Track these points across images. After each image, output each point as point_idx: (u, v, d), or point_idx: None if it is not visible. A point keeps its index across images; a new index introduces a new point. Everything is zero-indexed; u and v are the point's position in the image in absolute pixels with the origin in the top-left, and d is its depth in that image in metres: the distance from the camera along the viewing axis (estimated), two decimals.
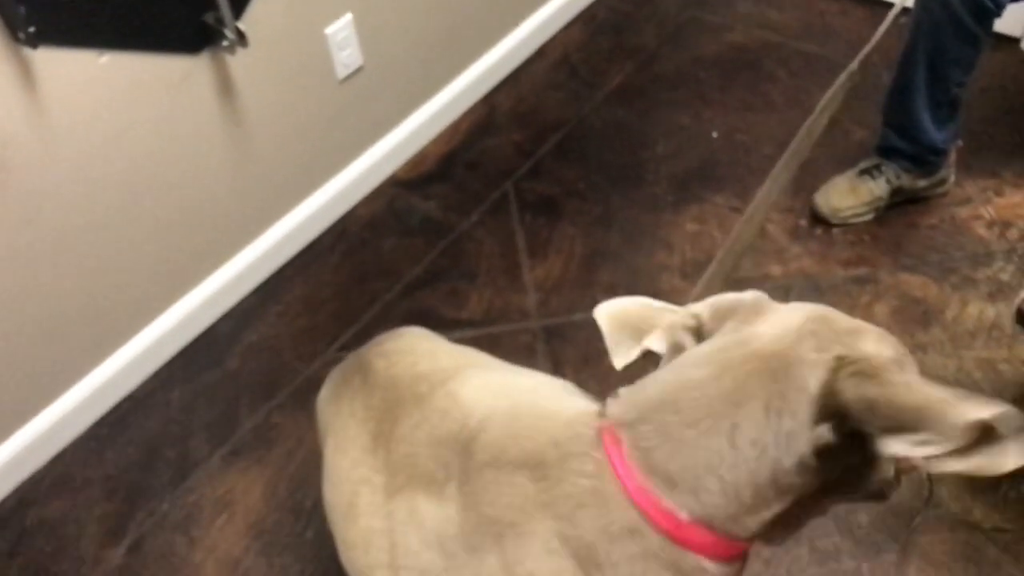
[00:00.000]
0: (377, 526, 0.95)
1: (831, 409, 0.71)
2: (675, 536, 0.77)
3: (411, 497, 0.93)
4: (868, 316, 1.89)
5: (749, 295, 0.87)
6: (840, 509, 1.59)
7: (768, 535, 0.80)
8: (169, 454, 1.80)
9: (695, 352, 0.82)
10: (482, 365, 1.13)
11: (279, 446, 1.80)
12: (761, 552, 1.56)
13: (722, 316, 0.84)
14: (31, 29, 1.45)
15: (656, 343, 0.87)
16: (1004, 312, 1.86)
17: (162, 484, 1.76)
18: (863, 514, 1.59)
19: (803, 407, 0.72)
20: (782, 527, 0.80)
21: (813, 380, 0.72)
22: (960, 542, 1.54)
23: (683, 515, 0.76)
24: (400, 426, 1.01)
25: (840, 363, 0.72)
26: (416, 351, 1.16)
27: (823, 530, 1.57)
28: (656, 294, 1.98)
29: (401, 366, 1.12)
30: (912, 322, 1.87)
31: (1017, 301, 1.39)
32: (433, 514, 0.89)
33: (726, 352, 0.78)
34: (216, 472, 1.77)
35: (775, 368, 0.74)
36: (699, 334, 0.85)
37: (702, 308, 0.87)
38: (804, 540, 1.56)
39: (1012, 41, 2.49)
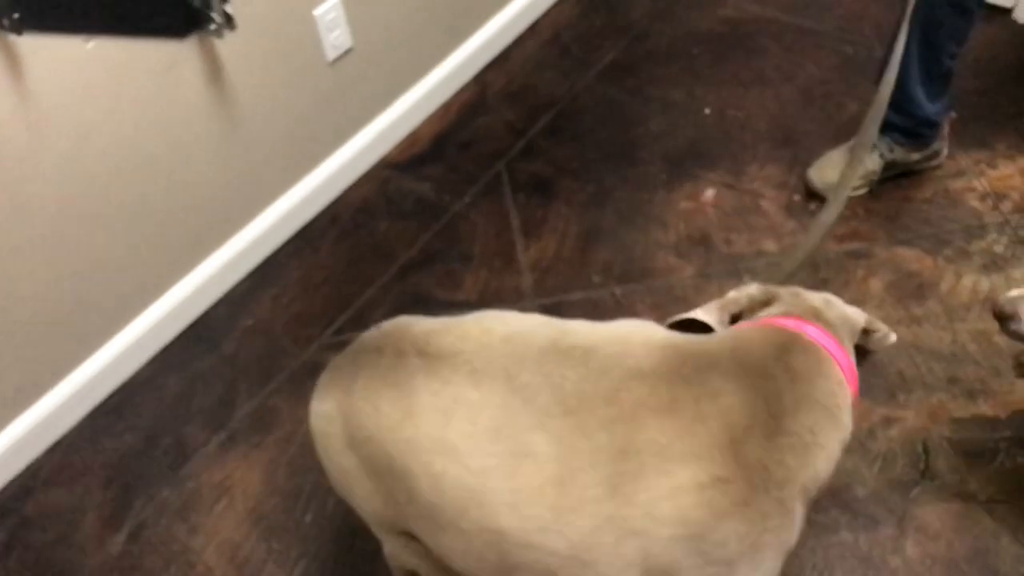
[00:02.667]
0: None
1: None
2: (851, 382, 1.10)
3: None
4: (863, 290, 1.89)
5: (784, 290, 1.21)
6: (837, 483, 1.60)
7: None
8: (167, 441, 1.80)
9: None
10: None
11: (277, 431, 1.80)
12: None
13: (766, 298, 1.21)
14: (15, 15, 1.43)
15: (706, 314, 1.18)
16: (998, 284, 1.86)
17: (160, 471, 1.76)
18: (860, 488, 1.60)
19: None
20: None
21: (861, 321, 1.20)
22: (956, 514, 1.55)
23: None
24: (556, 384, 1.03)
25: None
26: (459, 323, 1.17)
27: (820, 504, 1.58)
28: (651, 272, 1.99)
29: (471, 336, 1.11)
30: (907, 295, 1.88)
31: (1000, 301, 1.39)
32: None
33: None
34: (214, 458, 1.77)
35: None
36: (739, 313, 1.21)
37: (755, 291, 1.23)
38: None
39: (1004, 12, 2.48)
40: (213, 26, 1.74)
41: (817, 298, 1.18)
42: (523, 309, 1.94)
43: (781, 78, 2.43)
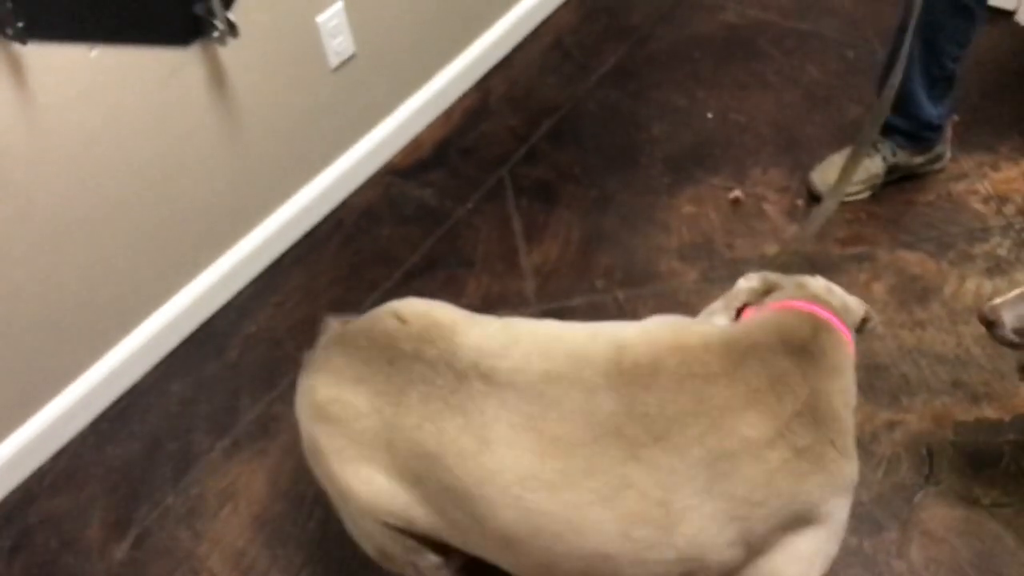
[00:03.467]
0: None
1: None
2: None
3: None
4: (866, 294, 1.89)
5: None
6: None
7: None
8: (171, 447, 1.81)
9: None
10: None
11: (280, 437, 1.80)
12: None
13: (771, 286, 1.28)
14: (20, 24, 1.44)
15: (721, 318, 1.26)
16: (1002, 287, 1.86)
17: (165, 477, 1.76)
18: (864, 491, 1.59)
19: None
20: None
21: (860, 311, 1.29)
22: (960, 518, 1.55)
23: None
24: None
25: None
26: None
27: None
28: (654, 277, 1.99)
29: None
30: (910, 299, 1.87)
31: (983, 309, 1.39)
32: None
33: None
34: (218, 464, 1.77)
35: None
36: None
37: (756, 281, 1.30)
38: None
39: (1007, 15, 2.48)
40: (216, 33, 1.75)
41: (820, 286, 1.24)
42: (525, 314, 1.95)
43: (783, 82, 2.43)
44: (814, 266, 1.96)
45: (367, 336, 1.19)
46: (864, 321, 1.29)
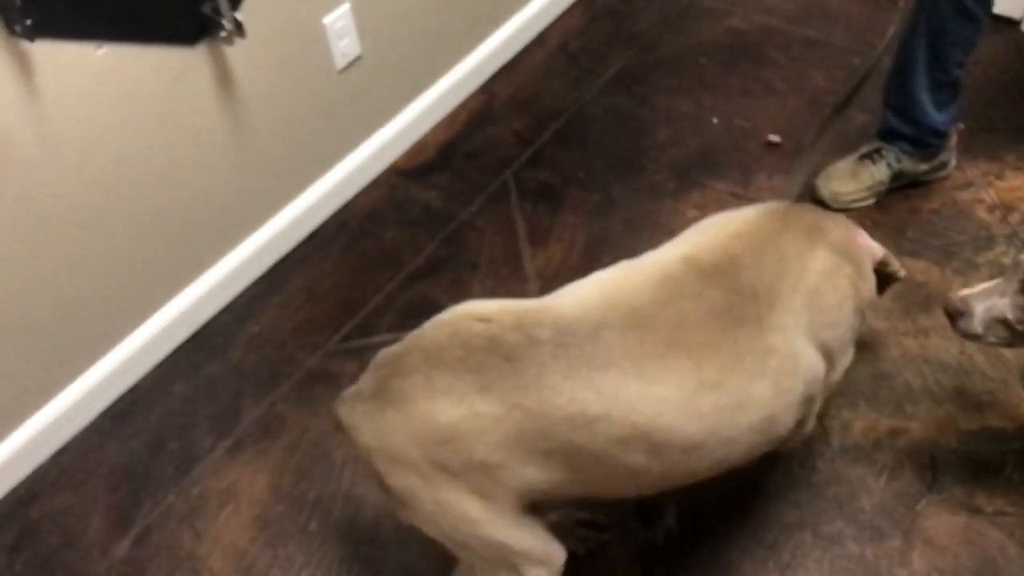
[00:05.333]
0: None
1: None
2: None
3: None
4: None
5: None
6: (843, 495, 1.60)
7: None
8: (173, 446, 1.81)
9: None
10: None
11: (283, 437, 1.80)
12: (764, 538, 1.56)
13: None
14: (28, 22, 1.44)
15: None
16: None
17: (167, 476, 1.76)
18: (866, 499, 1.59)
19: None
20: None
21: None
22: (963, 526, 1.55)
23: None
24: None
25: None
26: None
27: (826, 515, 1.58)
28: None
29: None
30: (914, 306, 1.87)
31: (951, 298, 1.42)
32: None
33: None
34: (220, 464, 1.77)
35: None
36: None
37: None
38: (807, 526, 1.57)
39: (1012, 23, 2.48)
40: (223, 33, 1.75)
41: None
42: None
43: (788, 88, 2.43)
44: None
45: (461, 347, 1.15)
46: (884, 264, 1.50)
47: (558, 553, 1.24)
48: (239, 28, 1.74)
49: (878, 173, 2.06)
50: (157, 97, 1.73)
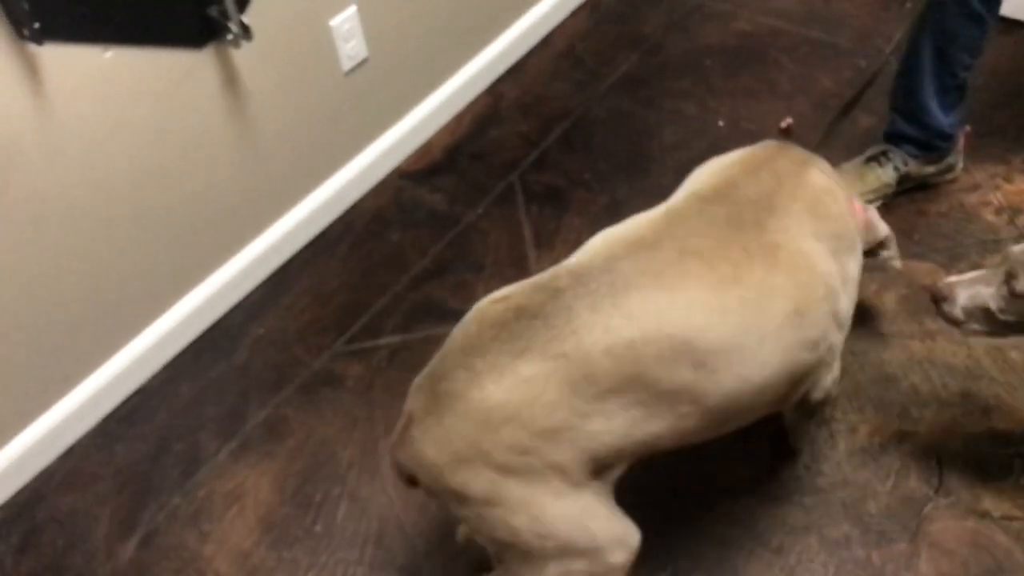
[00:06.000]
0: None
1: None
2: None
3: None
4: (877, 304, 1.88)
5: None
6: (849, 498, 1.59)
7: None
8: (179, 448, 1.81)
9: None
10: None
11: (288, 439, 1.80)
12: (770, 542, 1.56)
13: None
14: (36, 25, 1.45)
15: None
16: None
17: (172, 478, 1.76)
18: (873, 503, 1.59)
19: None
20: None
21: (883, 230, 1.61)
22: (970, 530, 1.54)
23: None
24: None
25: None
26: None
27: (832, 519, 1.57)
28: None
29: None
30: (921, 310, 1.86)
31: (938, 284, 1.45)
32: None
33: None
34: (226, 466, 1.77)
35: None
36: None
37: None
38: (813, 529, 1.56)
39: (1019, 25, 2.48)
40: (230, 36, 1.76)
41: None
42: None
43: (794, 91, 2.42)
44: None
45: (491, 327, 1.16)
46: (881, 245, 1.55)
47: (635, 532, 1.23)
48: (246, 31, 1.75)
49: (885, 176, 2.05)
50: (164, 100, 1.73)
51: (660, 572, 1.54)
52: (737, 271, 1.21)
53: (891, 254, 1.62)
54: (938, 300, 1.44)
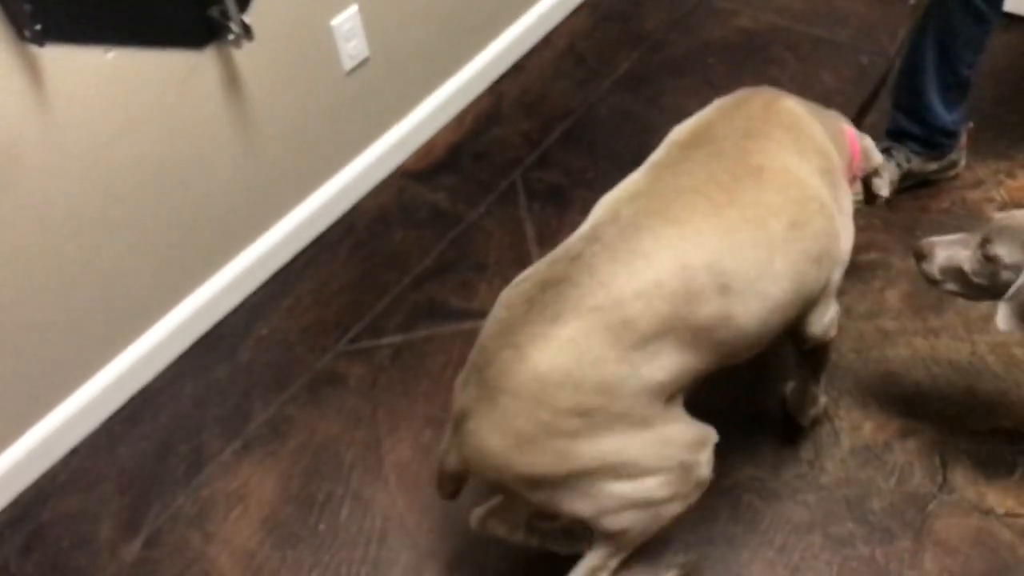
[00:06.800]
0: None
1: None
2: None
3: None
4: (880, 301, 1.88)
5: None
6: (853, 496, 1.59)
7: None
8: (182, 448, 1.81)
9: None
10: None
11: (291, 439, 1.80)
12: (774, 540, 1.56)
13: None
14: (37, 27, 1.45)
15: None
16: None
17: (176, 478, 1.77)
18: (876, 500, 1.58)
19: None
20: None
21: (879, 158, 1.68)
22: (974, 528, 1.54)
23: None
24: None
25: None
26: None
27: (836, 517, 1.57)
28: None
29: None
30: (925, 307, 1.86)
31: (920, 242, 1.48)
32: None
33: None
34: (229, 466, 1.77)
35: None
36: None
37: None
38: (817, 527, 1.56)
39: (1022, 20, 2.47)
40: (231, 36, 1.76)
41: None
42: None
43: (797, 88, 2.40)
44: None
45: (521, 304, 1.19)
46: (875, 172, 1.62)
47: (709, 430, 1.29)
48: (247, 31, 1.75)
49: (888, 173, 2.05)
50: (165, 100, 1.73)
51: (665, 572, 1.53)
52: (731, 195, 1.26)
53: (882, 182, 1.68)
54: (919, 258, 1.48)
